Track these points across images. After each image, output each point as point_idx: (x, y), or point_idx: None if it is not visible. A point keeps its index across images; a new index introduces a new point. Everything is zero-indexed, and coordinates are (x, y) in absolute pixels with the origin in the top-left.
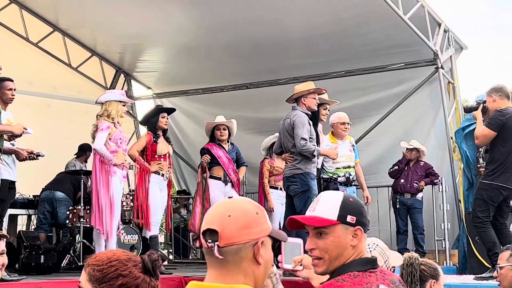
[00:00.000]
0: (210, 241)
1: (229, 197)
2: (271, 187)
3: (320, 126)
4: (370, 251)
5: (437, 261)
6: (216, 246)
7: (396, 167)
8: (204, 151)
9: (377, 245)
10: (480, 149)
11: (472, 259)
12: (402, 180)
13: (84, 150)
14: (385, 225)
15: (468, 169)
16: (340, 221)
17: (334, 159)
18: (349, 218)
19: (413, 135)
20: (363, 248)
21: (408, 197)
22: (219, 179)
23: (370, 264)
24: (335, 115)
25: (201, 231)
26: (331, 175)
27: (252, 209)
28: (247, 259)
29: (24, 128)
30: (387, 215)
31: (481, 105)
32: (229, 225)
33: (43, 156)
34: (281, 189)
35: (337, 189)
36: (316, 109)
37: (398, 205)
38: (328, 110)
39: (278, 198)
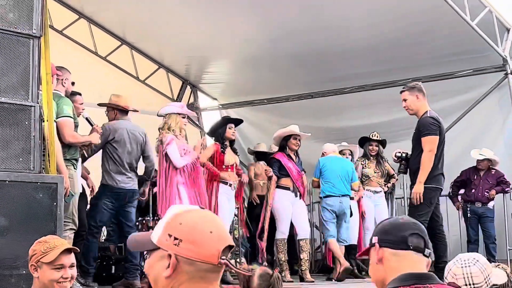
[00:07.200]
0: (224, 257)
1: (202, 207)
2: None
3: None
4: (469, 266)
5: (510, 271)
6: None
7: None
8: (274, 161)
9: (477, 261)
10: None
11: None
12: (473, 189)
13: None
14: (455, 234)
15: None
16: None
17: None
18: (374, 239)
19: (482, 143)
20: (400, 266)
21: (479, 206)
22: (288, 189)
23: (413, 279)
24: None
25: (222, 248)
26: None
27: None
28: None
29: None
30: (457, 224)
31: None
32: None
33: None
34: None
35: None
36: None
37: (469, 214)
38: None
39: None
